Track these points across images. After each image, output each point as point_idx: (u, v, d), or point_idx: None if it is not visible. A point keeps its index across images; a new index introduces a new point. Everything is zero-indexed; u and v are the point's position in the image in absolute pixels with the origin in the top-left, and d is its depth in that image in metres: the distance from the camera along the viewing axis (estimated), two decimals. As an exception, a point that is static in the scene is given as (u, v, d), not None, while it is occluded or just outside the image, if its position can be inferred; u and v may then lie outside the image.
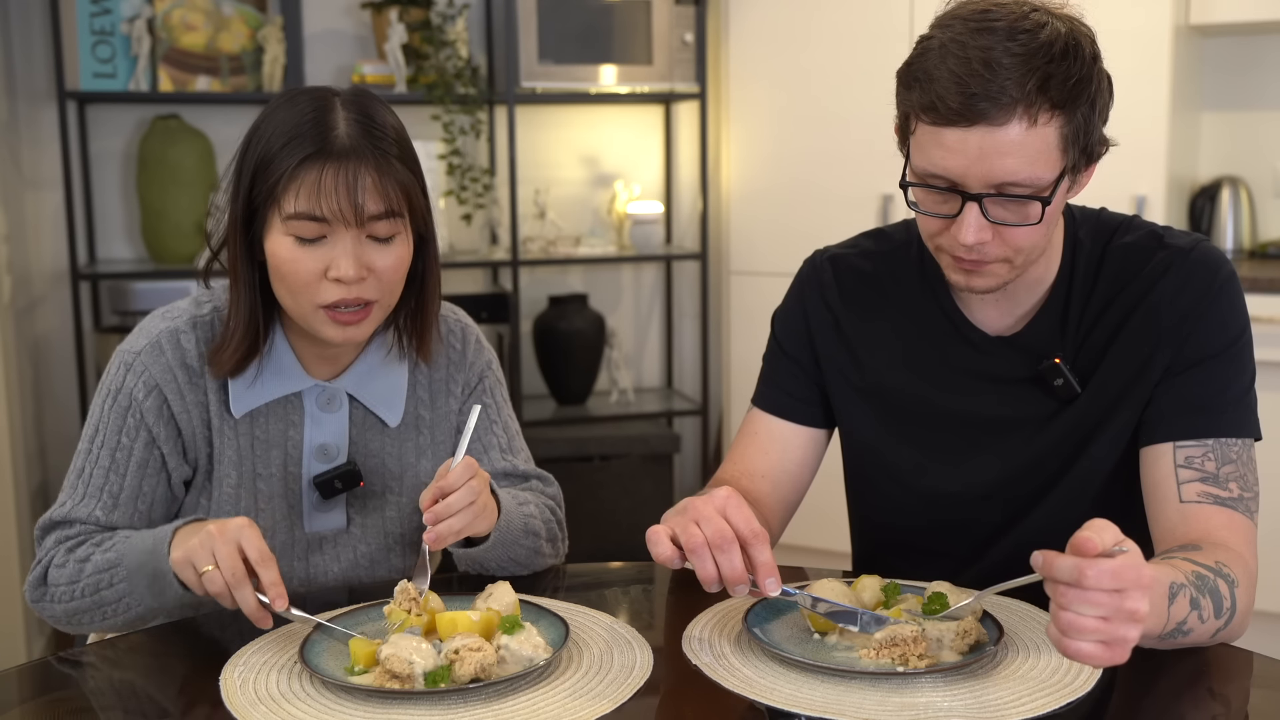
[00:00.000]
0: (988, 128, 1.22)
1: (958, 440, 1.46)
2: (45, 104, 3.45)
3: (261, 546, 1.22)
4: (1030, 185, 1.25)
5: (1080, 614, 1.01)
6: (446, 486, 1.30)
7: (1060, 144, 1.25)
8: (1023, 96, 1.21)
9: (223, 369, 1.42)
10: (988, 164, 1.23)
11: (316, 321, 1.38)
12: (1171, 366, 1.36)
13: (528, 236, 3.77)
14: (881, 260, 1.52)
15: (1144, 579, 1.01)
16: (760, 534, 1.20)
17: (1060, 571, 1.02)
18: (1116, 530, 1.04)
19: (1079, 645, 1.02)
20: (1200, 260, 1.38)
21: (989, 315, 1.44)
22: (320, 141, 1.33)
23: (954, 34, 1.25)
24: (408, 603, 1.24)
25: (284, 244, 1.35)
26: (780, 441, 1.54)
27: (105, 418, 1.43)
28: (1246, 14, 3.23)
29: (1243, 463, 1.32)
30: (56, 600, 1.38)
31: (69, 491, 1.43)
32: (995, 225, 1.27)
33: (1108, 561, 1.01)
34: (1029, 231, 1.28)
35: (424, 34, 3.55)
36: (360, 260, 1.35)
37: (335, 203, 1.32)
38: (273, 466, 1.47)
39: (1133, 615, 1.01)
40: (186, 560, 1.24)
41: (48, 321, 3.56)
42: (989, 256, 1.30)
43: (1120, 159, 1.28)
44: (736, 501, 1.21)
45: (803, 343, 1.54)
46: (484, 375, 1.59)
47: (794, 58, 3.58)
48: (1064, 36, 1.23)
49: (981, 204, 1.26)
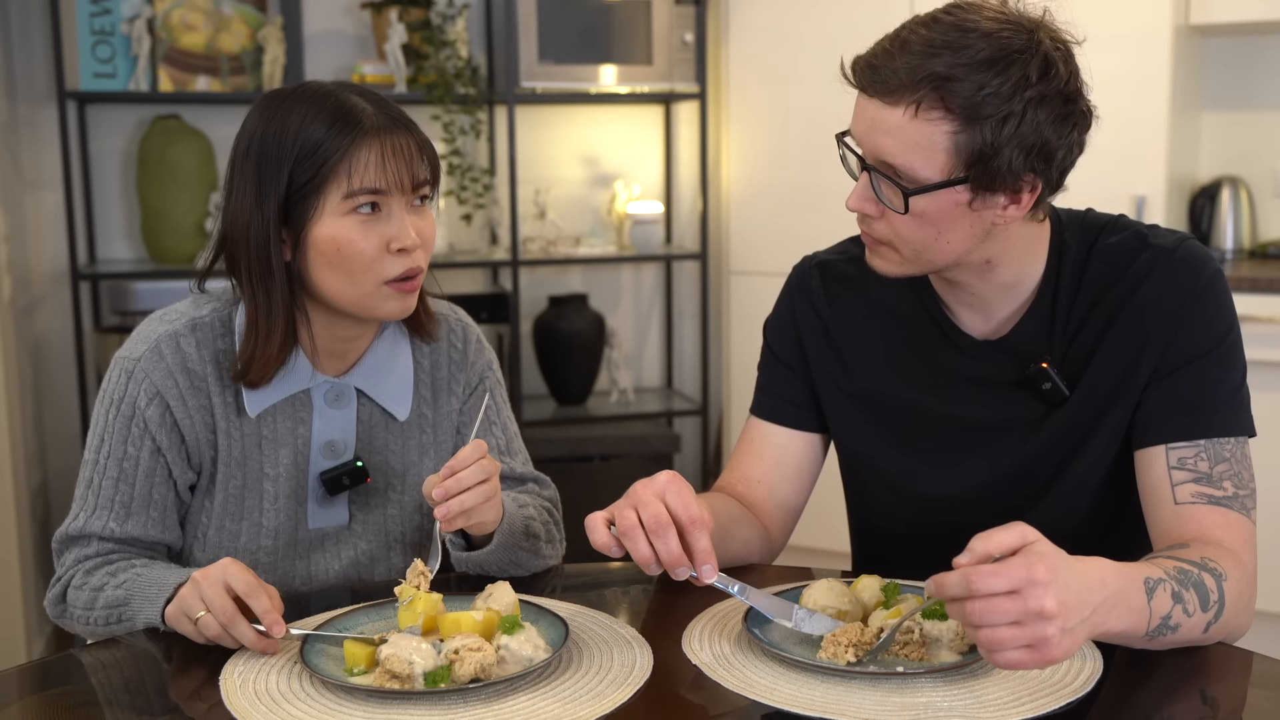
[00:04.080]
0: (879, 103, 1.26)
1: (947, 444, 1.46)
2: (45, 104, 3.45)
3: (248, 579, 1.22)
4: (904, 174, 1.26)
5: (989, 624, 1.01)
6: (456, 465, 1.32)
7: (949, 148, 1.24)
8: (911, 83, 1.23)
9: (262, 378, 1.42)
10: (873, 137, 1.28)
11: (379, 298, 1.40)
12: (1160, 367, 1.35)
13: (528, 236, 3.77)
14: (868, 265, 1.52)
15: (1037, 576, 1.00)
16: (698, 520, 1.22)
17: (951, 588, 1.02)
18: (1022, 531, 1.03)
19: (1005, 656, 1.02)
20: (1184, 259, 1.37)
21: (974, 319, 1.44)
22: (359, 122, 1.37)
23: (918, 16, 1.29)
24: (416, 578, 1.26)
25: (344, 225, 1.37)
26: (775, 447, 1.55)
27: (110, 427, 1.43)
28: (1246, 14, 3.22)
29: (1237, 461, 1.32)
30: (75, 620, 1.40)
31: (80, 504, 1.43)
32: (880, 204, 1.30)
33: (990, 565, 1.00)
34: (905, 221, 1.29)
35: (424, 34, 3.55)
36: (415, 227, 1.40)
37: (395, 173, 1.37)
38: (281, 465, 1.47)
39: (1041, 613, 1.00)
40: (179, 613, 1.25)
41: (48, 321, 3.56)
42: (875, 233, 1.34)
43: (1120, 159, 1.29)
44: (677, 487, 1.23)
45: (794, 348, 1.55)
46: (485, 375, 1.60)
47: (794, 58, 3.58)
48: (1006, 53, 1.22)
49: (872, 175, 1.29)
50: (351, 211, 1.36)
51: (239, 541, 1.47)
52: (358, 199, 1.36)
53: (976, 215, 1.29)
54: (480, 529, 1.38)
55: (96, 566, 1.40)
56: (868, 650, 1.17)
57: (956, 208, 1.28)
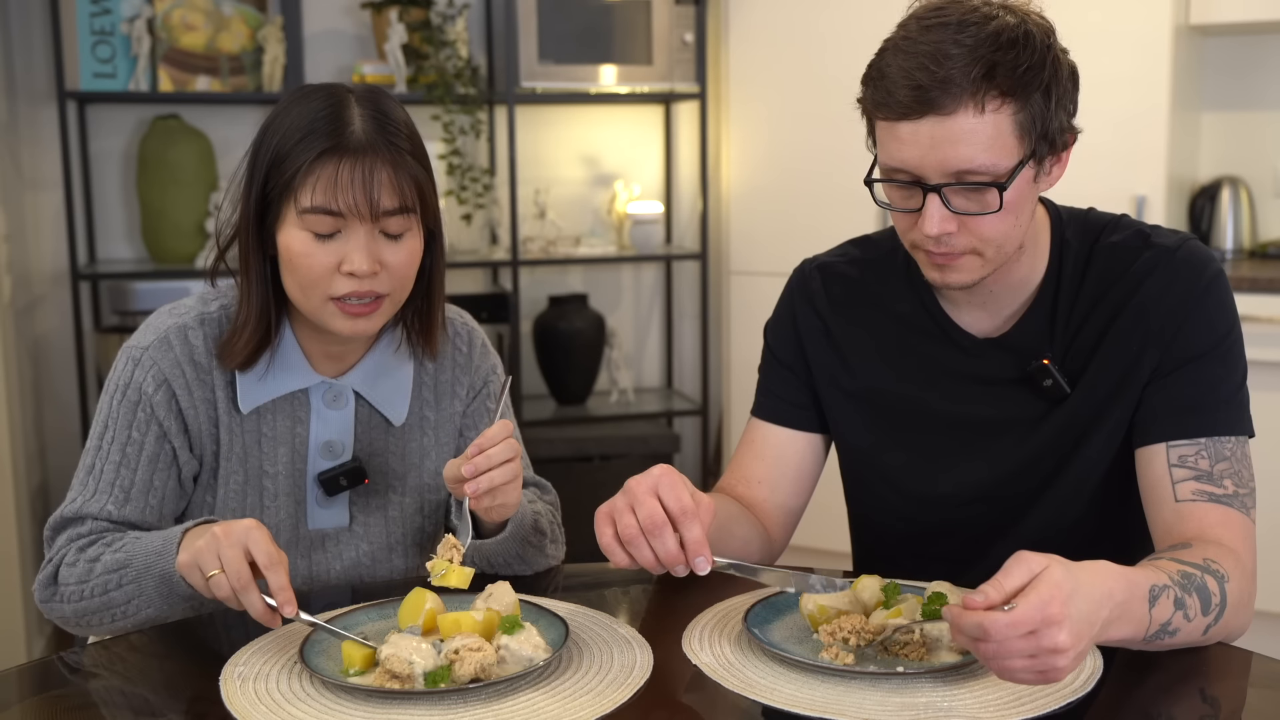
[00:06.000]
0: (937, 118, 1.25)
1: (948, 443, 1.46)
2: (45, 104, 3.45)
3: (270, 549, 1.21)
4: (986, 172, 1.26)
5: (1002, 660, 1.03)
6: (485, 442, 1.32)
7: (1015, 131, 1.26)
8: (969, 84, 1.24)
9: (234, 360, 1.43)
10: (941, 153, 1.26)
11: (326, 314, 1.39)
12: (1160, 366, 1.36)
13: (528, 236, 3.77)
14: (868, 266, 1.53)
15: (1052, 615, 1.01)
16: (689, 510, 1.22)
17: (967, 630, 1.03)
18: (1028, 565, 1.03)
19: (1015, 678, 1.04)
20: (1186, 259, 1.38)
21: (976, 317, 1.44)
22: (336, 137, 1.34)
23: (906, 32, 1.29)
24: (449, 552, 1.26)
25: (298, 238, 1.36)
26: (775, 447, 1.55)
27: (115, 413, 1.43)
28: (1246, 14, 3.22)
29: (1237, 460, 1.32)
30: (66, 600, 1.37)
31: (79, 489, 1.42)
32: (958, 216, 1.29)
33: (1004, 615, 1.01)
34: (993, 221, 1.29)
35: (424, 34, 3.55)
36: (373, 255, 1.36)
37: (351, 197, 1.33)
38: (279, 463, 1.48)
39: (1054, 649, 1.02)
40: (193, 564, 1.24)
41: (48, 321, 3.56)
42: (956, 248, 1.32)
43: (1120, 159, 1.29)
44: (670, 479, 1.23)
45: (794, 350, 1.55)
46: (489, 379, 1.60)
47: (794, 58, 3.58)
48: (1012, 27, 1.26)
49: (942, 194, 1.28)
50: (305, 227, 1.36)
51: (241, 540, 1.47)
52: (307, 218, 1.35)
53: (1036, 188, 1.33)
54: (500, 513, 1.38)
55: (90, 544, 1.38)
56: (870, 640, 1.17)
57: (1028, 186, 1.31)
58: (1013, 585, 1.03)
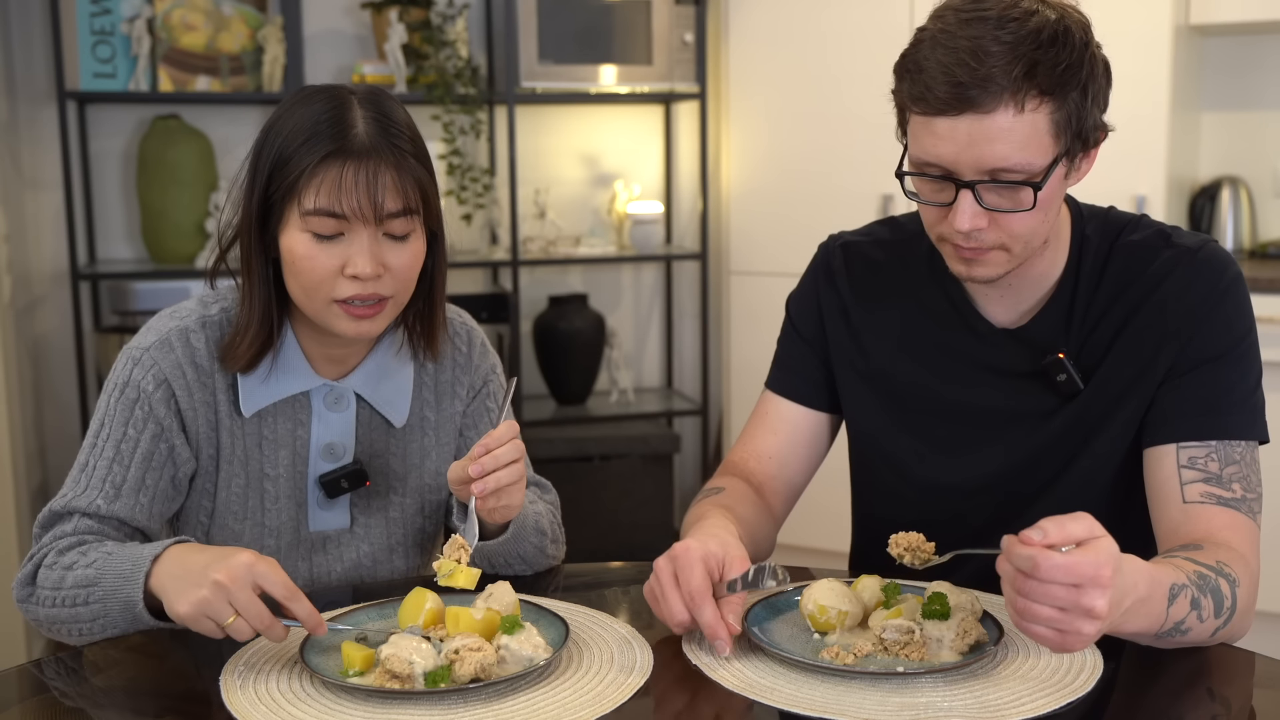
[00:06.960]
0: (976, 115, 1.24)
1: (958, 431, 1.46)
2: (45, 104, 3.45)
3: (284, 581, 1.19)
4: (1022, 171, 1.26)
5: (1035, 602, 1.03)
6: (492, 442, 1.31)
7: (1051, 130, 1.26)
8: (1009, 83, 1.23)
9: (238, 363, 1.42)
10: (977, 151, 1.25)
11: (330, 316, 1.39)
12: (1175, 366, 1.36)
13: (528, 236, 3.77)
14: (893, 249, 1.53)
15: (1103, 577, 1.02)
16: (700, 594, 1.20)
17: (1017, 559, 1.03)
18: (1090, 524, 1.05)
19: (1033, 628, 1.05)
20: (1207, 260, 1.38)
21: (995, 308, 1.45)
22: (340, 139, 1.34)
23: (944, 25, 1.27)
24: (456, 552, 1.25)
25: (301, 240, 1.36)
26: (789, 424, 1.56)
27: (112, 410, 1.43)
28: (1246, 14, 3.23)
29: (1246, 464, 1.33)
30: (40, 603, 1.34)
31: (71, 484, 1.42)
32: (990, 212, 1.29)
33: (1062, 556, 1.02)
34: (1024, 218, 1.29)
35: (424, 34, 3.55)
36: (376, 257, 1.36)
37: (355, 200, 1.33)
38: (280, 466, 1.48)
39: (1089, 612, 1.02)
40: (200, 615, 1.20)
41: (48, 321, 3.56)
42: (986, 244, 1.31)
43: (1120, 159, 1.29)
44: (684, 561, 1.22)
45: (815, 325, 1.56)
46: (489, 379, 1.60)
47: (794, 58, 3.58)
48: (1052, 24, 1.25)
49: (975, 191, 1.27)
50: (308, 230, 1.35)
51: (242, 541, 1.48)
52: (310, 220, 1.35)
53: (1066, 184, 1.33)
54: (504, 514, 1.38)
55: (70, 547, 1.36)
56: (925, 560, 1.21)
57: (1060, 183, 1.31)
58: (1074, 533, 1.03)
